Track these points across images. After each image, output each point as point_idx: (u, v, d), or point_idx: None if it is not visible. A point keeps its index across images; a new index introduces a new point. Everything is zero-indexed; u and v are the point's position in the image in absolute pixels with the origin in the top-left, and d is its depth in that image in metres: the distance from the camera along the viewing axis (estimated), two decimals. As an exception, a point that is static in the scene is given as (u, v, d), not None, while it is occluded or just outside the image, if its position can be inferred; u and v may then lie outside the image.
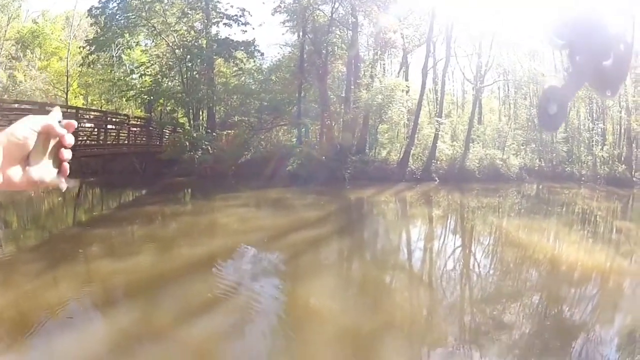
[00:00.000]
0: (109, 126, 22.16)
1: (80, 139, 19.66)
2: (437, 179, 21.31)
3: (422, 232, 14.12)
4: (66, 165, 1.10)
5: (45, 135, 1.03)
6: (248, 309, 7.99)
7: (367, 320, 7.23)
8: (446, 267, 10.27)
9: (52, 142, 1.05)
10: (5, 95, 32.39)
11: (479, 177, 20.76)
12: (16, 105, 19.51)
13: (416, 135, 23.52)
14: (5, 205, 14.68)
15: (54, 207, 17.56)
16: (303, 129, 26.36)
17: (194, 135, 24.78)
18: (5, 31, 34.51)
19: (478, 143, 23.26)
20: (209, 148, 22.76)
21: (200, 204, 19.03)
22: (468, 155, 22.32)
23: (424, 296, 8.49)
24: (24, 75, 33.81)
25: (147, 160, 24.68)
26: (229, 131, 25.08)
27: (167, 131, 27.09)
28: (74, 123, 1.10)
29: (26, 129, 0.99)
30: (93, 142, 20.86)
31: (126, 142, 23.20)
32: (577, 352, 6.00)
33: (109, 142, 21.78)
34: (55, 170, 1.08)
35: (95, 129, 21.01)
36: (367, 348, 6.40)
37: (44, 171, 1.05)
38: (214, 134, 24.07)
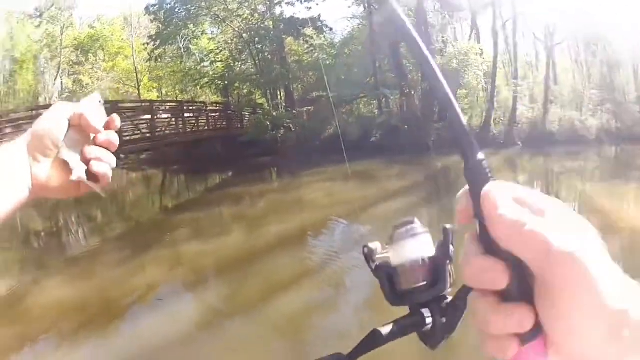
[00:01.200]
0: (187, 115, 22.98)
1: (159, 130, 20.62)
2: (519, 143, 21.00)
3: None
4: (98, 169, 0.87)
5: (78, 126, 0.86)
6: (339, 283, 8.33)
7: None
8: None
9: (83, 140, 0.87)
10: (74, 99, 34.37)
11: (559, 139, 20.18)
12: None
13: (495, 99, 23.29)
14: (88, 200, 15.11)
15: (138, 197, 18.49)
16: (383, 100, 26.09)
17: (274, 114, 25.09)
18: (61, 40, 36.37)
19: (556, 104, 22.62)
20: (291, 126, 23.13)
21: (286, 181, 19.44)
22: (547, 117, 21.79)
23: None
24: (90, 78, 35.36)
25: (230, 144, 25.03)
26: (309, 108, 25.33)
27: (247, 113, 27.58)
28: (115, 119, 0.93)
29: (51, 117, 0.85)
30: (172, 132, 21.63)
31: (206, 128, 24.03)
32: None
33: (188, 130, 22.51)
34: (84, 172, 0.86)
35: (173, 119, 21.85)
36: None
37: (82, 171, 0.86)
38: (294, 112, 24.39)
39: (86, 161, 0.87)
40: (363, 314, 6.92)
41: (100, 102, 0.92)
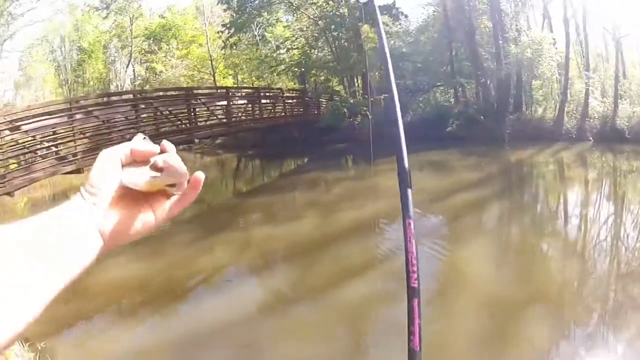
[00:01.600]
0: (263, 101, 23.22)
1: (235, 115, 20.77)
2: (591, 138, 20.69)
3: (578, 197, 13.97)
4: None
5: (132, 163, 0.79)
6: (404, 275, 8.93)
7: (517, 290, 7.37)
8: (599, 237, 10.12)
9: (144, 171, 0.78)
10: (147, 86, 34.62)
11: (628, 137, 19.68)
12: (161, 93, 20.86)
13: (568, 91, 22.99)
14: None
15: (212, 180, 18.39)
16: (459, 89, 26.15)
17: (351, 101, 25.64)
18: (131, 30, 37.33)
19: (626, 99, 21.96)
20: (368, 113, 22.79)
21: (361, 168, 19.55)
22: (618, 113, 21.22)
23: (575, 268, 8.28)
24: (164, 66, 36.32)
25: (306, 130, 25.35)
26: (386, 95, 25.43)
27: (324, 100, 27.87)
28: (166, 144, 0.83)
29: (102, 164, 0.76)
30: (248, 117, 21.83)
31: (282, 114, 24.16)
32: None
33: (265, 116, 22.75)
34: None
35: (249, 105, 22.05)
36: (512, 318, 6.58)
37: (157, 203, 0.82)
38: (371, 99, 24.06)
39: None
40: (424, 309, 7.45)
41: (144, 138, 0.85)
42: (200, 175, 0.84)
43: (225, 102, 20.66)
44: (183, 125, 18.18)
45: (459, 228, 10.96)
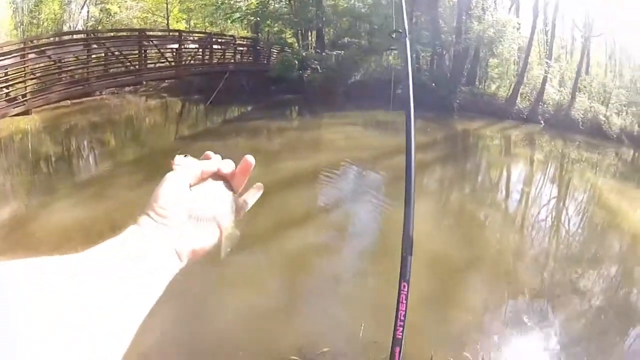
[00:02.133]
0: (215, 46, 23.00)
1: (185, 59, 20.67)
2: (542, 122, 20.88)
3: (521, 174, 14.11)
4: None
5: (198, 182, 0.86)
6: (344, 227, 8.57)
7: (457, 252, 7.69)
8: (539, 216, 10.36)
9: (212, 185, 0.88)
10: (99, 27, 34.05)
11: (582, 128, 20.06)
12: (112, 34, 20.36)
13: (525, 74, 23.12)
14: (102, 124, 15.33)
15: (155, 124, 18.20)
16: (414, 55, 25.59)
17: (303, 54, 24.86)
18: None
19: (584, 94, 22.35)
20: (318, 67, 22.78)
21: (307, 120, 19.49)
22: (574, 104, 21.52)
23: (514, 241, 8.63)
24: (119, 7, 34.93)
25: (254, 79, 24.87)
26: (339, 52, 25.14)
27: (275, 51, 27.31)
28: (210, 154, 0.92)
29: (170, 189, 0.81)
30: (198, 62, 21.66)
31: (232, 61, 23.83)
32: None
33: (214, 62, 22.58)
34: (229, 212, 0.89)
35: (200, 50, 21.77)
36: (454, 277, 6.95)
37: (222, 218, 0.87)
38: (323, 54, 24.03)
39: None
40: (361, 261, 7.19)
41: (185, 156, 0.90)
42: (250, 159, 0.93)
43: (176, 46, 20.33)
44: (132, 67, 18.10)
45: (400, 188, 10.62)
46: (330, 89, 21.04)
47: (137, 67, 18.15)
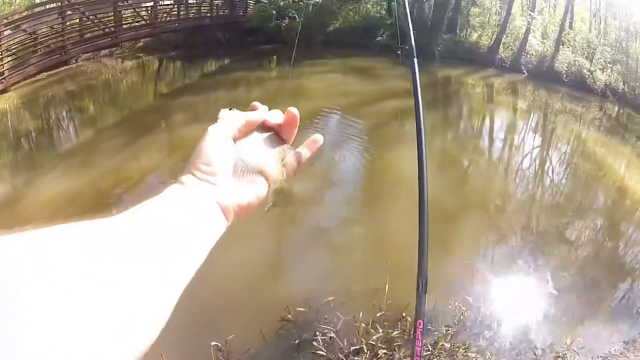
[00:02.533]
0: (190, 1, 22.51)
1: (160, 16, 20.37)
2: (525, 72, 20.67)
3: (504, 122, 14.12)
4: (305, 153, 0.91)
5: (243, 135, 0.81)
6: (328, 175, 8.52)
7: (444, 197, 7.65)
8: (522, 164, 10.44)
9: (258, 136, 0.84)
10: None
11: (565, 81, 19.85)
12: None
13: (507, 25, 22.90)
14: (79, 91, 14.84)
15: (132, 85, 17.75)
16: (393, 2, 24.34)
17: (281, 3, 24.36)
18: None
19: (568, 48, 22.13)
20: (296, 16, 22.16)
21: (286, 70, 18.57)
22: (557, 56, 21.34)
23: (498, 188, 8.75)
24: None
25: (231, 31, 24.12)
26: (317, 0, 24.75)
27: (252, 2, 26.61)
28: (257, 105, 0.89)
29: (215, 136, 0.77)
30: (173, 19, 21.29)
31: (208, 14, 23.44)
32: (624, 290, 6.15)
33: (190, 17, 22.21)
34: (279, 166, 0.83)
35: (175, 6, 21.41)
36: (441, 222, 6.71)
37: (271, 171, 0.81)
38: (300, 3, 23.28)
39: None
40: (343, 210, 7.19)
41: (231, 109, 0.86)
42: (294, 110, 0.87)
43: (151, 3, 19.96)
44: (108, 30, 17.78)
45: (386, 133, 10.99)
46: (309, 38, 20.68)
47: (112, 29, 17.88)
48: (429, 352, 4.38)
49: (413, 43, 2.72)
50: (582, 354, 4.65)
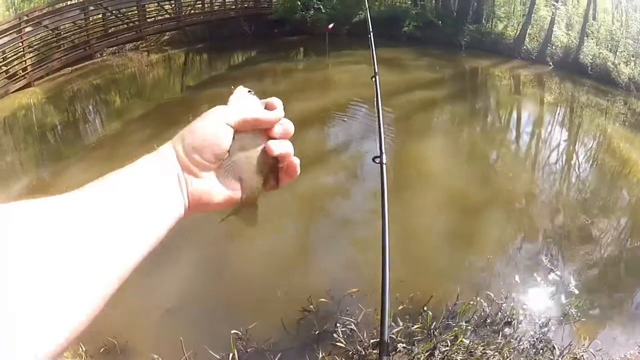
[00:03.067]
0: None
1: (185, 9, 20.38)
2: (551, 63, 20.29)
3: (532, 114, 13.90)
4: (291, 164, 0.86)
5: (244, 132, 0.78)
6: (354, 167, 8.67)
7: (470, 190, 7.82)
8: (549, 159, 10.33)
9: (259, 142, 0.80)
10: None
11: (591, 73, 19.38)
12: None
13: (532, 15, 22.61)
14: (105, 85, 15.06)
15: (158, 78, 17.85)
16: None
17: (306, -6, 24.45)
18: None
19: (592, 39, 21.68)
20: (322, 7, 22.31)
21: (312, 61, 19.12)
22: (582, 48, 20.90)
23: (524, 183, 8.63)
24: None
25: (257, 23, 23.92)
26: None
27: None
28: (275, 102, 0.86)
29: (212, 127, 0.74)
30: (198, 11, 21.33)
31: (233, 7, 23.37)
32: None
33: (215, 9, 22.24)
34: (260, 181, 0.81)
35: None
36: (467, 215, 7.11)
37: (250, 181, 0.79)
38: None
39: (270, 168, 0.82)
40: (367, 204, 7.15)
41: (249, 92, 0.87)
42: (296, 161, 0.84)
43: None
44: (132, 24, 17.89)
45: (411, 125, 10.99)
46: (334, 29, 20.69)
47: (136, 23, 17.95)
48: (447, 348, 4.43)
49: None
50: (599, 356, 4.68)
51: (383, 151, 2.90)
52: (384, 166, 3.08)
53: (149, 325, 4.80)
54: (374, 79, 3.62)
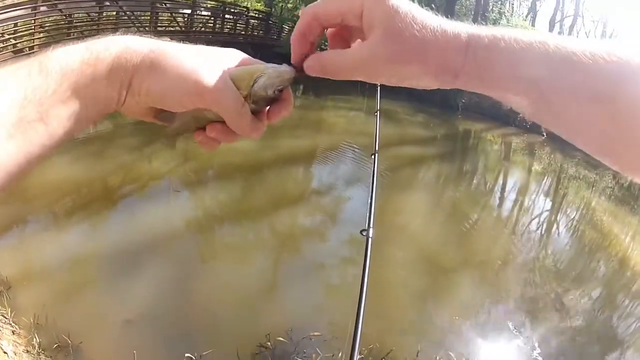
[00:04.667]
0: (227, 16, 22.98)
1: (196, 26, 20.81)
2: (544, 133, 20.43)
3: (517, 181, 14.01)
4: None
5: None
6: (335, 212, 8.60)
7: (446, 250, 7.79)
8: (529, 226, 10.31)
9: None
10: None
11: None
12: None
13: (533, 85, 22.91)
14: None
15: None
16: None
17: (316, 34, 24.65)
18: None
19: None
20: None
21: (310, 100, 19.04)
22: None
23: (501, 248, 8.63)
24: None
25: (263, 52, 24.08)
26: None
27: (287, 27, 27.04)
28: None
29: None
30: (209, 30, 21.72)
31: (243, 32, 23.98)
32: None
33: (225, 31, 22.64)
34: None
35: (212, 18, 21.96)
36: (440, 274, 7.04)
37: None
38: None
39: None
40: (343, 249, 7.17)
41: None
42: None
43: (189, 11, 20.43)
44: (142, 29, 17.63)
45: (396, 179, 10.90)
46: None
47: (147, 29, 17.91)
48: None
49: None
50: None
51: (371, 226, 2.89)
52: (370, 240, 3.07)
53: (106, 332, 4.74)
54: (373, 157, 3.63)
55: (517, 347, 5.75)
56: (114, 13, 17.06)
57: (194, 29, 20.60)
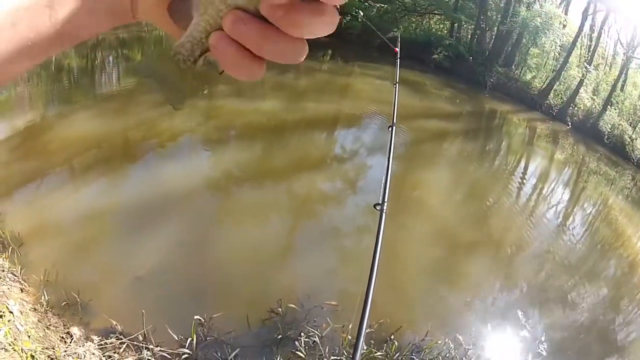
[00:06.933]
0: None
1: None
2: (570, 123, 20.45)
3: (539, 168, 13.90)
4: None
5: None
6: (355, 180, 8.58)
7: (463, 229, 7.78)
8: (546, 215, 10.29)
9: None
10: None
11: (606, 142, 19.64)
12: None
13: (562, 72, 22.68)
14: (130, 41, 14.90)
15: None
16: (456, 24, 24.91)
17: (348, -1, 24.30)
18: None
19: (615, 109, 21.87)
20: (358, 16, 22.54)
21: (338, 65, 19.01)
22: (604, 116, 21.09)
23: (515, 233, 8.59)
24: None
25: None
26: (382, 5, 24.57)
27: None
28: None
29: None
30: None
31: None
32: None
33: None
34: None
35: None
36: (454, 253, 7.05)
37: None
38: (366, 3, 23.12)
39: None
40: (361, 218, 7.11)
41: None
42: None
43: None
44: None
45: (418, 151, 10.99)
46: (366, 40, 20.56)
47: None
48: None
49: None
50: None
51: (386, 200, 2.85)
52: (384, 214, 3.01)
53: (116, 289, 4.73)
54: (390, 129, 3.54)
55: (523, 338, 5.75)
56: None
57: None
